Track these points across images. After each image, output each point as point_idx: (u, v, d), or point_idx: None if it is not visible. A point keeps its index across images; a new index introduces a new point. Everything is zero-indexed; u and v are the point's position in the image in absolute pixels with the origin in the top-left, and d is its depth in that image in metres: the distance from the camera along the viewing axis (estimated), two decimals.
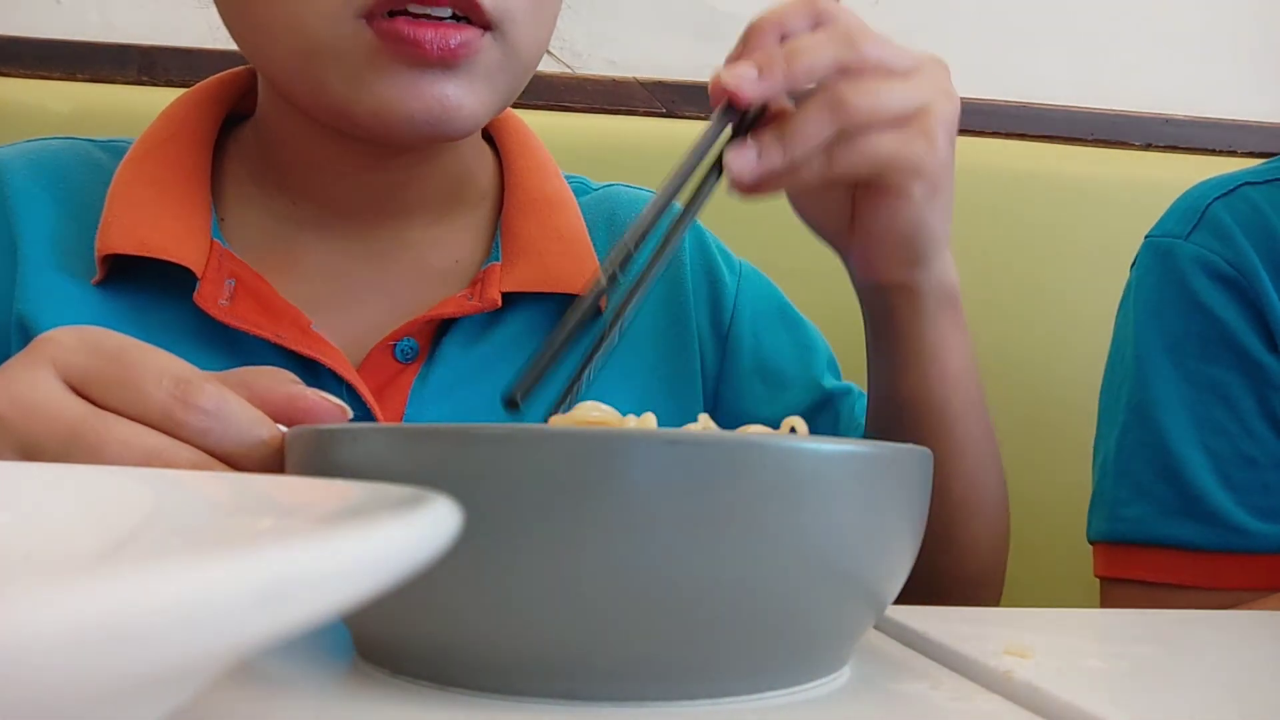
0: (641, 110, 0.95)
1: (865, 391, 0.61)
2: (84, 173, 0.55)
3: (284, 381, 0.34)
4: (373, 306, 0.54)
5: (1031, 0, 1.09)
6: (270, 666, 0.26)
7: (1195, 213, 0.70)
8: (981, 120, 1.01)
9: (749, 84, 0.41)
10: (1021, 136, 1.01)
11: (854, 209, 0.48)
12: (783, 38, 0.43)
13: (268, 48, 0.48)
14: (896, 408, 0.52)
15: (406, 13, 0.45)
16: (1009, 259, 0.92)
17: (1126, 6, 1.10)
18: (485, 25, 0.47)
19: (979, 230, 0.92)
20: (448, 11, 0.45)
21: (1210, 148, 1.04)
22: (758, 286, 0.63)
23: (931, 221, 0.46)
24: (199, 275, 0.49)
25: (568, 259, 0.55)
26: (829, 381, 0.60)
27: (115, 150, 0.56)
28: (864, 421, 0.58)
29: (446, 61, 0.46)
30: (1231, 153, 1.03)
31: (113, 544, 0.21)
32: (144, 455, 0.31)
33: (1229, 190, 0.70)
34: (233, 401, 0.32)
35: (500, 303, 0.52)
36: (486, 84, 0.48)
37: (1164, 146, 1.03)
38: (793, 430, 0.31)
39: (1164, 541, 0.64)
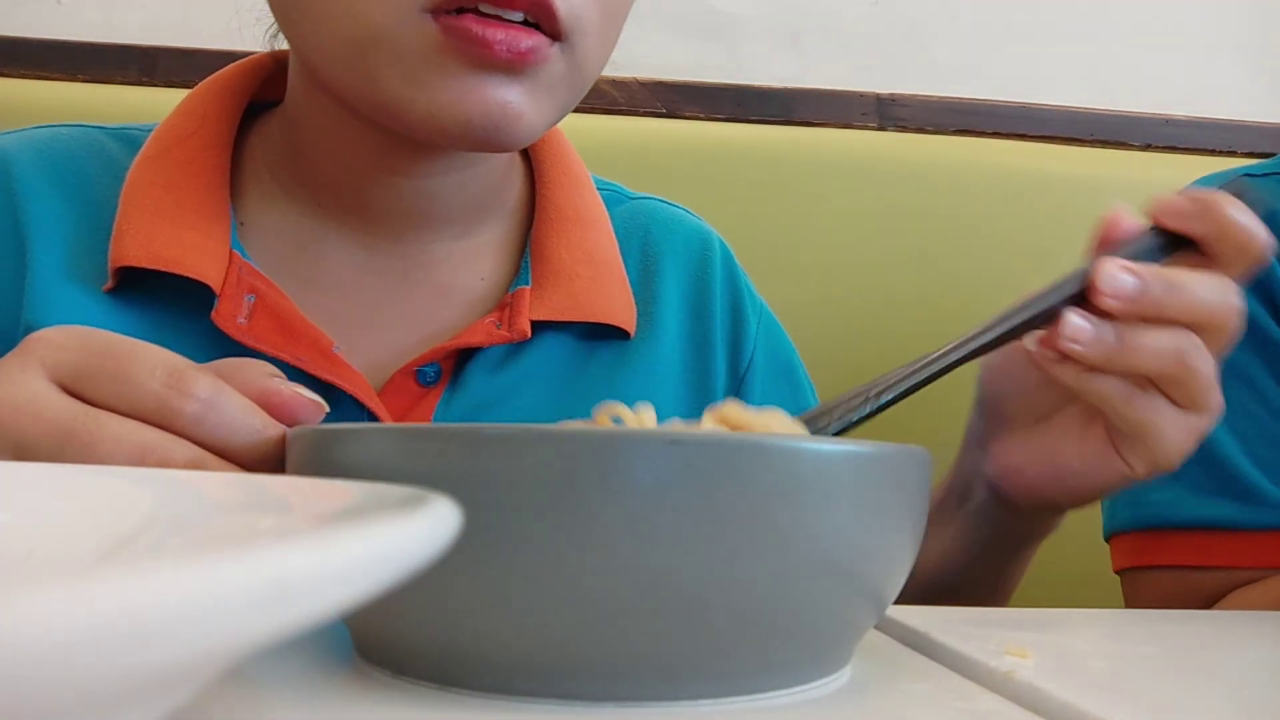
0: (642, 110, 0.95)
1: None
2: (96, 168, 0.52)
3: (261, 375, 0.34)
4: (395, 325, 0.52)
5: (1031, 0, 1.09)
6: (270, 666, 0.26)
7: None
8: (981, 120, 1.01)
9: (1117, 301, 0.38)
10: (1021, 136, 1.01)
11: (1082, 435, 0.44)
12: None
13: (319, 35, 0.45)
14: (962, 577, 0.50)
15: (476, 11, 0.42)
16: (1009, 259, 0.92)
17: (1126, 6, 1.10)
18: (556, 35, 0.44)
19: (979, 230, 0.92)
20: (519, 15, 0.43)
21: (1210, 148, 1.04)
22: (774, 335, 0.61)
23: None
24: (217, 291, 0.47)
25: (598, 286, 0.53)
26: None
27: (128, 140, 0.54)
28: None
29: (513, 65, 0.43)
30: (1231, 153, 1.04)
31: (113, 544, 0.21)
32: (138, 450, 0.31)
33: (1229, 182, 0.71)
34: (227, 390, 0.32)
35: (530, 334, 0.50)
36: (548, 95, 0.45)
37: (1164, 146, 1.03)
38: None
39: (1197, 522, 0.63)
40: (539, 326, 0.51)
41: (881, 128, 1.01)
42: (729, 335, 0.58)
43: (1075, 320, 0.39)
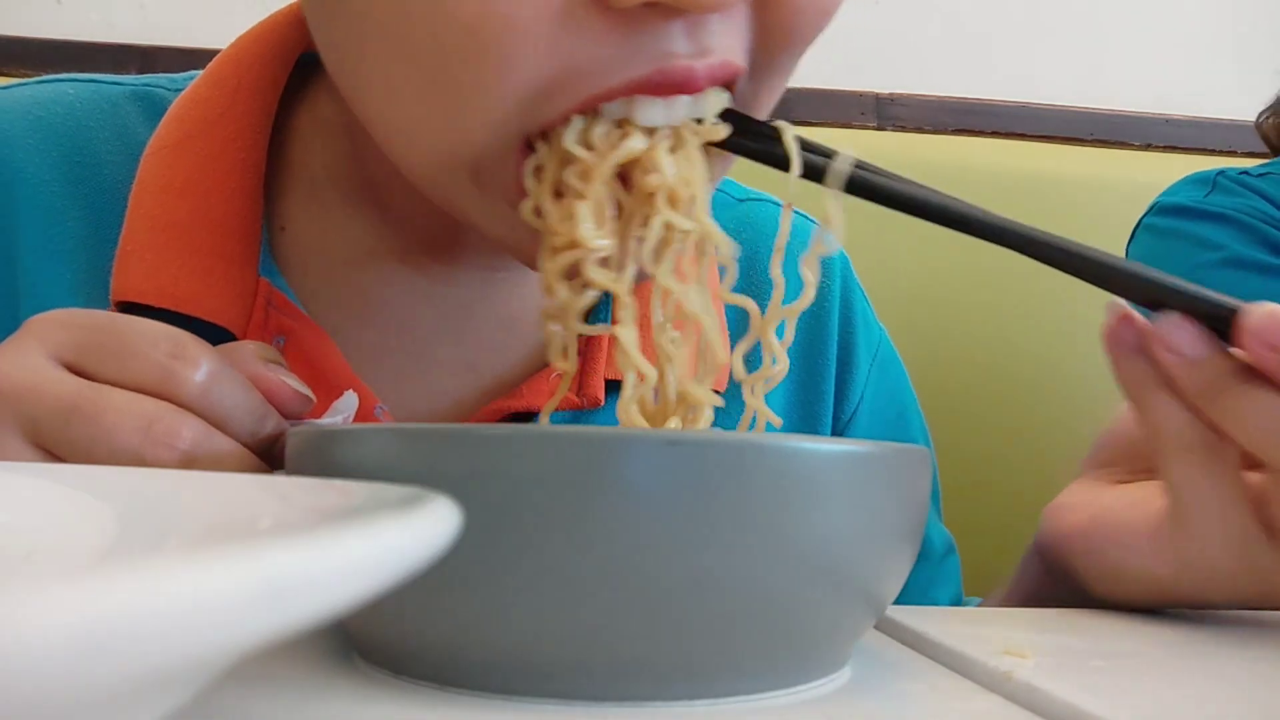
0: None
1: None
2: (110, 143, 0.44)
3: (252, 359, 0.33)
4: (451, 369, 0.44)
5: (1031, 0, 1.09)
6: (270, 666, 0.26)
7: (1207, 182, 0.76)
8: (981, 120, 1.01)
9: (1169, 349, 0.31)
10: (1021, 136, 1.01)
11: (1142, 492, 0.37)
12: None
13: (408, 142, 0.36)
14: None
15: None
16: (1009, 258, 0.92)
17: (1126, 6, 1.10)
18: None
19: None
20: None
21: (1210, 148, 1.04)
22: (888, 377, 0.54)
23: None
24: (239, 336, 0.40)
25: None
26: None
27: (151, 104, 0.45)
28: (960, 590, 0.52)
29: None
30: (1231, 153, 1.04)
31: (113, 544, 0.21)
32: (143, 422, 0.30)
33: (1229, 172, 0.78)
34: (229, 366, 0.32)
35: (603, 400, 0.42)
36: None
37: (1164, 146, 1.03)
38: None
39: None
40: (615, 385, 0.40)
41: (880, 127, 1.01)
42: (836, 378, 0.51)
43: (1185, 325, 0.31)
